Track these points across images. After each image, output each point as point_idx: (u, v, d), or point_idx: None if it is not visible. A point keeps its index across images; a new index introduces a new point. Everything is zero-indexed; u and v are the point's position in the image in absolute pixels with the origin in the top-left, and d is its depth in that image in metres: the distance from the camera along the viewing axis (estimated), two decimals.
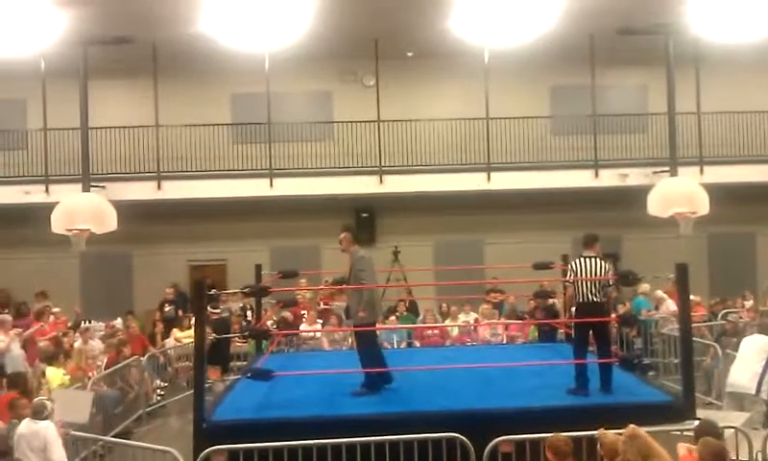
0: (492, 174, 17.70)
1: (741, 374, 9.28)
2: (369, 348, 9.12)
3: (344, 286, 10.31)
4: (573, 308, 9.50)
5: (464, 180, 17.71)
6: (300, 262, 14.32)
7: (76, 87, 16.65)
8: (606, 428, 5.94)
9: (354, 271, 8.94)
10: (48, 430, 7.08)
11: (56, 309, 14.55)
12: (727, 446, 6.65)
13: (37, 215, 16.06)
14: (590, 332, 8.78)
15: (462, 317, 15.33)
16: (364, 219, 18.67)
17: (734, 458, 6.67)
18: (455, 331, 15.11)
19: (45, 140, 17.43)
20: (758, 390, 9.04)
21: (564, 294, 11.39)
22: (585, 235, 8.92)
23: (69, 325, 14.41)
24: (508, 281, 15.00)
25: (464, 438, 7.00)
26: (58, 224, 15.55)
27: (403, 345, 14.50)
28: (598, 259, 8.60)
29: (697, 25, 16.38)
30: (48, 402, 7.61)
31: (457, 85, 18.41)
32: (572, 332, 9.91)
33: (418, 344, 14.67)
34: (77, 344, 12.53)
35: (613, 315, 13.12)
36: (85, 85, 16.69)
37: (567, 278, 8.66)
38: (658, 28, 16.65)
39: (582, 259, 8.61)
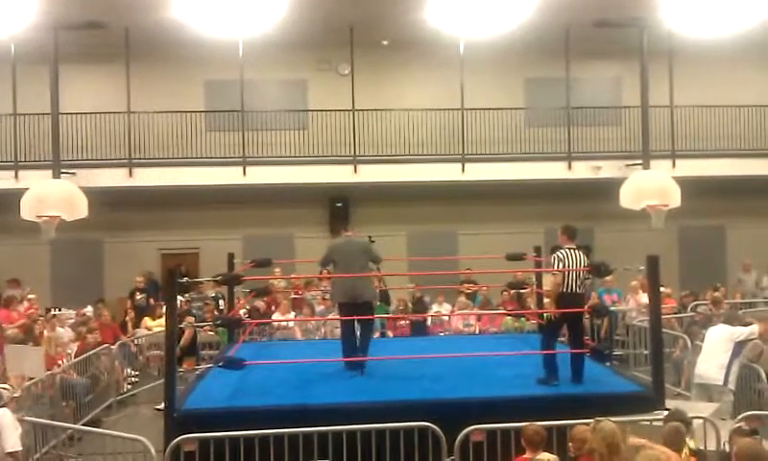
0: (467, 165, 17.72)
1: (709, 365, 9.36)
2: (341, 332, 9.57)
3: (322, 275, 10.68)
4: (546, 299, 9.59)
5: (438, 170, 17.71)
6: (274, 251, 14.24)
7: (46, 72, 16.43)
8: (576, 418, 5.99)
9: None
10: (3, 417, 6.97)
11: (31, 296, 14.41)
12: (695, 436, 6.74)
13: (7, 201, 15.88)
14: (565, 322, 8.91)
15: (435, 307, 15.36)
16: (338, 208, 18.65)
17: (703, 448, 6.74)
18: (428, 322, 15.12)
19: (15, 125, 17.16)
20: (726, 380, 9.15)
21: (537, 285, 11.41)
22: (569, 228, 8.99)
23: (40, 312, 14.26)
24: (481, 272, 15.06)
25: (435, 427, 7.01)
26: (27, 210, 15.34)
27: (376, 335, 14.47)
28: (580, 252, 8.77)
29: (671, 19, 16.53)
30: (5, 391, 7.51)
31: (432, 76, 18.39)
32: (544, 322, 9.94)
33: (390, 334, 14.67)
34: (46, 331, 12.38)
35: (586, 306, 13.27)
36: (56, 70, 16.46)
37: (557, 267, 8.66)
38: (632, 21, 16.73)
39: (569, 251, 8.71)
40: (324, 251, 9.98)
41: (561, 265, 8.61)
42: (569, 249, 8.72)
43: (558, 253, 8.76)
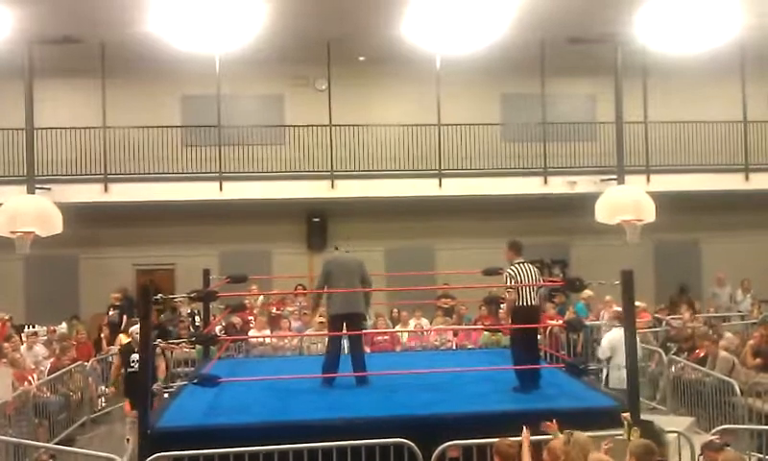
0: (444, 180, 17.78)
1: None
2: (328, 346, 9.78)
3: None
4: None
5: (415, 185, 17.74)
6: (251, 267, 14.21)
7: (21, 87, 16.30)
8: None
9: None
10: None
11: (2, 314, 14.24)
12: (670, 450, 6.78)
13: None
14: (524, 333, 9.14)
15: (413, 323, 15.33)
16: (316, 224, 18.64)
17: None
18: (405, 337, 15.09)
19: None
20: None
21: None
22: (515, 243, 9.28)
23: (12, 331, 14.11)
24: (458, 287, 15.09)
25: (411, 444, 6.99)
26: (1, 226, 15.18)
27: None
28: (531, 266, 9.04)
29: (645, 36, 16.72)
30: None
31: (409, 91, 18.46)
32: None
33: (368, 349, 14.59)
34: (22, 348, 12.27)
35: (560, 320, 13.36)
36: (31, 85, 16.36)
37: (509, 283, 8.81)
38: (607, 38, 16.90)
39: (519, 265, 8.91)
40: (322, 268, 9.87)
41: (513, 281, 8.78)
42: (519, 263, 8.92)
43: (509, 269, 8.94)
